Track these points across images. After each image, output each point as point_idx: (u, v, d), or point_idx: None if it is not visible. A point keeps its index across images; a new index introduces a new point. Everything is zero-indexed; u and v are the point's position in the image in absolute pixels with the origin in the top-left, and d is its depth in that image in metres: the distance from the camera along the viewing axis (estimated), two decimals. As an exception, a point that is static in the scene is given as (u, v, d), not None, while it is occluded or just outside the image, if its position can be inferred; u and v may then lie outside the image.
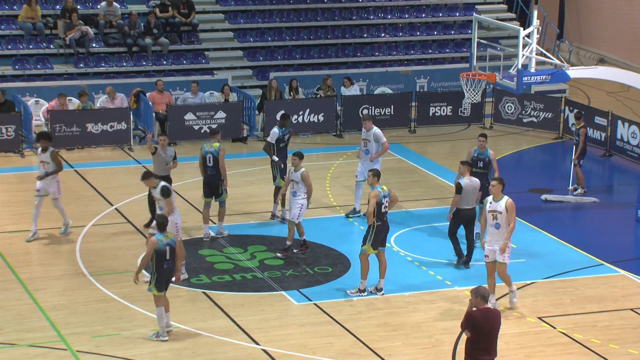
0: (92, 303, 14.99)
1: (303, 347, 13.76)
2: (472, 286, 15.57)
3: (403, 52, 29.21)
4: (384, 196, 15.34)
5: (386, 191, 15.39)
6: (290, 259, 16.86)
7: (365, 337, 14.09)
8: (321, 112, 24.66)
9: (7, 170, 21.60)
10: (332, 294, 15.54)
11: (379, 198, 15.23)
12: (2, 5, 27.23)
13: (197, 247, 17.29)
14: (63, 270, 16.19)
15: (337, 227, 18.53)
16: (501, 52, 19.71)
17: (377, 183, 15.39)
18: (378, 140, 18.89)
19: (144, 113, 24.19)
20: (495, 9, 31.08)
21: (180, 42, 27.59)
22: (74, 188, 20.46)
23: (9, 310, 14.57)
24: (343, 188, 20.77)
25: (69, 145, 23.06)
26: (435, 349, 13.85)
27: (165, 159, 17.67)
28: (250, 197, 19.28)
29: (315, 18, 29.38)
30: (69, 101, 24.20)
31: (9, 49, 26.18)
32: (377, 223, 15.25)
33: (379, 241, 15.34)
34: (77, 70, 26.20)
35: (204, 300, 15.20)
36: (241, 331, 14.18)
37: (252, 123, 24.53)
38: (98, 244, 17.41)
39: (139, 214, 18.82)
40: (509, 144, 24.61)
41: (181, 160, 22.74)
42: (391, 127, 24.90)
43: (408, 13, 30.33)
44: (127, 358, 13.30)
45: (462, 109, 25.84)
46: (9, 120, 22.60)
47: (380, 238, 15.34)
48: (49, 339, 13.78)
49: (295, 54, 28.43)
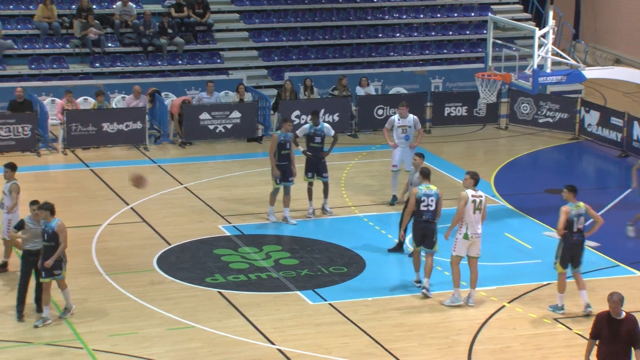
0: (108, 302, 15.03)
1: (318, 347, 13.76)
2: (488, 287, 15.73)
3: (418, 52, 29.18)
4: (425, 194, 15.36)
5: (432, 190, 15.39)
6: (305, 258, 16.87)
7: (380, 337, 14.08)
8: (336, 112, 24.66)
9: (24, 170, 21.60)
10: (348, 294, 15.54)
11: (417, 195, 15.33)
12: (18, 5, 27.35)
13: (213, 247, 17.31)
14: (79, 269, 16.23)
15: (352, 227, 18.52)
16: (517, 52, 19.67)
17: (425, 181, 15.52)
18: (416, 125, 19.39)
19: (159, 113, 24.25)
20: (511, 9, 31.01)
21: (195, 42, 27.64)
22: (89, 187, 20.52)
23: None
24: (358, 188, 20.77)
25: (85, 144, 23.14)
26: (451, 350, 13.83)
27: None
28: (266, 196, 19.26)
29: (330, 18, 29.38)
30: (85, 100, 24.29)
31: (25, 49, 26.29)
32: (416, 220, 15.41)
33: (417, 238, 15.43)
34: (92, 70, 26.29)
35: (220, 300, 15.22)
36: (257, 331, 14.19)
37: (267, 123, 24.55)
38: (114, 243, 17.46)
39: (154, 213, 18.86)
40: (524, 144, 24.56)
41: (196, 160, 22.91)
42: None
43: (423, 13, 30.30)
44: (144, 357, 13.32)
45: (477, 109, 25.79)
46: (26, 120, 22.68)
47: (419, 235, 15.41)
48: (65, 337, 13.83)
49: (310, 54, 28.44)
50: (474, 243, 14.91)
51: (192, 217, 18.75)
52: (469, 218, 14.79)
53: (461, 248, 14.92)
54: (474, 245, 14.93)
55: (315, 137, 18.77)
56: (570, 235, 14.67)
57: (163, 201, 19.70)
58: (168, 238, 17.62)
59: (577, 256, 14.82)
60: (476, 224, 14.85)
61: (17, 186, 15.78)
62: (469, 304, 15.11)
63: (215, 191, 20.34)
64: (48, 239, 13.95)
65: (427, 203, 15.39)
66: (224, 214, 18.89)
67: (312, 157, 18.77)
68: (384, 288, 15.82)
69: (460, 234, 14.84)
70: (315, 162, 18.75)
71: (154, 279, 15.90)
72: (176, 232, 17.90)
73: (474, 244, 14.91)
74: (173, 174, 21.51)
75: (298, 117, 24.50)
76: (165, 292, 15.40)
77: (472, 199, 14.84)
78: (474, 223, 14.83)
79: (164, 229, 18.05)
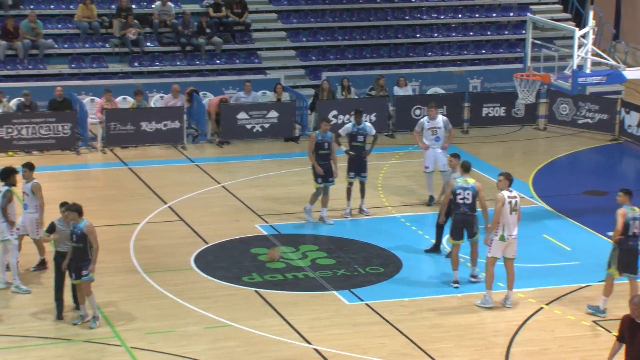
0: (146, 300, 15.12)
1: (355, 347, 13.74)
2: (526, 288, 15.63)
3: (456, 52, 29.08)
4: (461, 187, 15.48)
5: (469, 184, 15.46)
6: (342, 258, 16.86)
7: (417, 337, 14.04)
8: (373, 112, 24.62)
9: (63, 168, 21.87)
10: (384, 294, 15.51)
11: (453, 187, 15.49)
12: (58, 5, 27.60)
13: (250, 246, 17.36)
14: (117, 267, 16.35)
15: (389, 227, 18.49)
16: (556, 52, 19.54)
17: (465, 174, 15.68)
18: (447, 126, 19.29)
19: (197, 112, 24.35)
20: (550, 9, 30.80)
21: (233, 42, 27.73)
22: (128, 186, 20.66)
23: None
24: (395, 188, 20.73)
25: (124, 143, 23.30)
26: (488, 351, 13.76)
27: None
28: (302, 196, 19.30)
29: (368, 18, 29.35)
30: (124, 100, 24.46)
31: (65, 48, 26.52)
32: (455, 213, 15.53)
33: (457, 232, 15.53)
34: (131, 69, 26.46)
35: (256, 299, 15.26)
36: (293, 330, 14.21)
37: (305, 122, 24.57)
38: (151, 241, 17.55)
39: (192, 212, 18.95)
40: (563, 145, 24.38)
41: (233, 159, 22.98)
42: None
43: (461, 13, 30.18)
44: (181, 355, 13.39)
45: (515, 110, 25.65)
46: (66, 119, 22.88)
47: (459, 228, 15.51)
48: (104, 334, 13.93)
49: (347, 54, 28.43)
50: (510, 244, 14.83)
51: (229, 216, 18.82)
52: (506, 219, 14.72)
53: (497, 249, 14.84)
54: (509, 246, 14.85)
55: (358, 136, 18.78)
56: (626, 240, 14.50)
57: (200, 200, 19.79)
58: (205, 237, 17.69)
59: (633, 262, 14.58)
60: (512, 225, 14.77)
61: (38, 185, 15.72)
62: (507, 305, 15.02)
63: (252, 190, 20.39)
64: (76, 240, 13.95)
65: (463, 196, 15.50)
66: (260, 213, 18.94)
67: (354, 157, 18.77)
68: (420, 288, 15.79)
69: (497, 235, 14.77)
70: (357, 162, 18.76)
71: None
72: (213, 231, 17.97)
73: (509, 245, 14.83)
74: (210, 173, 21.60)
75: (335, 117, 24.49)
76: (203, 291, 15.47)
77: (508, 200, 14.76)
78: (510, 224, 14.75)
79: (201, 227, 18.13)
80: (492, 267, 14.91)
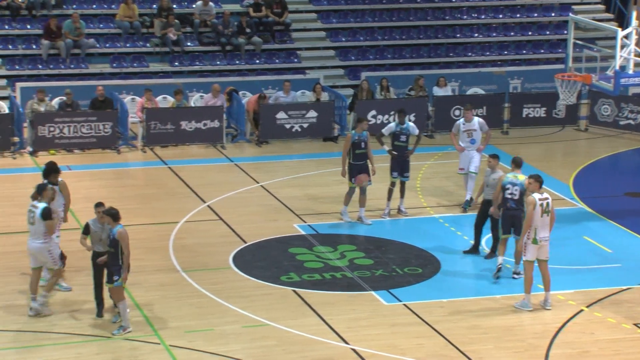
0: (184, 298, 15.19)
1: (393, 347, 13.72)
2: (566, 290, 15.50)
3: (496, 52, 28.93)
4: (511, 182, 15.60)
5: (519, 180, 15.50)
6: (380, 259, 16.83)
7: (455, 339, 13.98)
8: (412, 112, 24.54)
9: (104, 167, 22.05)
10: (422, 294, 15.46)
11: (503, 182, 15.71)
12: (100, 4, 27.84)
13: (288, 245, 17.38)
14: (156, 265, 16.45)
15: (427, 228, 18.43)
16: (598, 53, 19.36)
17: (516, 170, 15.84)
18: (483, 128, 19.23)
19: (236, 111, 24.44)
20: (592, 9, 30.54)
21: (273, 42, 27.80)
22: (168, 185, 20.78)
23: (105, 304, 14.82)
24: (434, 189, 20.66)
25: (164, 142, 23.43)
26: (528, 353, 13.67)
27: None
28: (341, 196, 19.27)
29: (408, 18, 29.28)
30: (164, 99, 24.61)
31: (106, 47, 26.75)
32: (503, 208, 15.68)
33: (506, 227, 15.67)
34: (172, 69, 26.63)
35: (294, 298, 15.27)
36: (331, 330, 14.21)
37: (344, 122, 24.56)
38: (191, 240, 17.64)
39: (231, 211, 19.02)
40: (604, 146, 24.16)
41: (272, 159, 23.04)
42: (484, 127, 24.66)
43: (502, 13, 30.02)
44: (219, 353, 13.44)
45: (556, 111, 25.46)
46: (107, 118, 23.06)
47: (508, 223, 15.55)
48: (143, 333, 14.01)
49: (387, 54, 28.38)
50: (542, 247, 14.76)
51: (267, 216, 18.86)
52: (537, 222, 14.65)
53: (531, 253, 14.77)
54: (542, 248, 14.78)
55: (401, 136, 18.75)
56: None
57: (239, 199, 19.85)
58: (244, 236, 17.75)
59: None
60: (545, 227, 14.70)
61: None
62: (546, 307, 14.91)
63: (291, 190, 20.43)
64: (110, 245, 13.88)
65: (511, 191, 15.60)
66: (299, 213, 18.96)
67: (397, 156, 18.73)
68: (459, 289, 15.72)
69: (529, 238, 14.69)
70: (400, 161, 18.72)
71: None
72: (252, 230, 18.02)
73: (542, 247, 14.77)
74: (249, 172, 21.66)
75: (374, 117, 24.47)
76: (241, 290, 15.51)
77: (540, 203, 14.69)
78: (542, 227, 14.68)
79: (240, 227, 18.19)
80: (531, 270, 14.82)
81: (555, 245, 16.81)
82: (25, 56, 26.17)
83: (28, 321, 14.28)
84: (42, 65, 25.94)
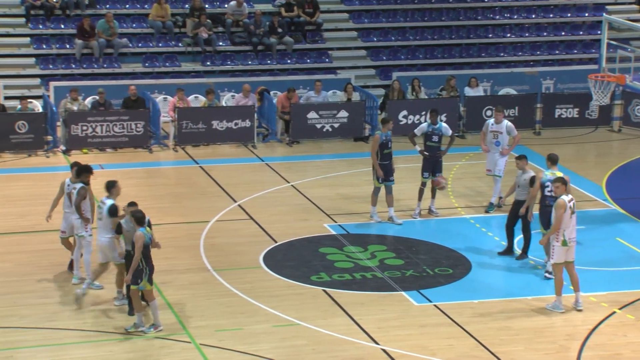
0: (215, 297, 15.24)
1: (423, 348, 13.68)
2: (598, 292, 15.39)
3: (529, 52, 28.78)
4: (550, 179, 15.61)
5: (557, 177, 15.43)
6: (410, 259, 16.80)
7: (486, 340, 13.92)
8: (444, 112, 24.46)
9: (136, 165, 22.17)
10: (453, 295, 15.41)
11: (542, 179, 15.76)
12: (133, 4, 28.00)
13: (318, 245, 17.39)
14: (187, 264, 16.51)
15: (458, 228, 18.37)
16: (632, 53, 19.22)
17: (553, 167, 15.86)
18: (511, 132, 19.02)
19: (267, 111, 24.49)
20: (626, 9, 30.30)
21: (304, 41, 27.83)
22: (199, 184, 20.86)
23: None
24: (465, 189, 20.58)
25: (195, 141, 23.53)
26: (559, 355, 13.58)
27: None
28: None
29: (440, 18, 29.19)
30: (195, 98, 24.71)
31: (139, 47, 26.90)
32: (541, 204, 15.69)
33: (545, 223, 15.59)
34: (203, 68, 26.73)
35: (325, 298, 15.28)
36: (361, 330, 14.20)
37: (374, 122, 24.53)
38: (221, 239, 17.69)
39: (261, 210, 19.05)
40: (638, 147, 23.94)
41: (303, 159, 23.06)
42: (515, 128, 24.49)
43: (535, 13, 29.86)
44: (250, 352, 13.47)
45: (589, 111, 25.28)
46: (139, 117, 23.19)
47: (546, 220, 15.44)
48: (174, 331, 14.07)
49: (418, 54, 28.32)
50: (570, 248, 14.69)
51: (298, 215, 18.88)
52: (566, 224, 14.56)
53: (561, 255, 14.67)
54: (570, 250, 14.72)
55: (433, 136, 18.69)
56: None
57: (270, 199, 19.89)
58: (274, 235, 17.78)
59: None
60: (573, 228, 14.66)
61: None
62: (578, 307, 14.81)
63: (321, 190, 20.43)
64: (132, 247, 13.94)
65: (551, 188, 15.49)
66: (329, 213, 18.97)
67: (429, 157, 18.68)
68: (489, 290, 15.65)
69: (558, 241, 14.58)
70: (432, 162, 18.67)
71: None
72: (282, 229, 18.05)
73: (570, 249, 14.70)
74: (280, 172, 21.70)
75: (405, 117, 24.43)
76: (271, 290, 15.54)
77: (569, 205, 14.62)
78: (571, 228, 14.60)
79: (270, 226, 18.22)
80: (561, 273, 14.73)
81: (587, 247, 16.76)
82: (59, 56, 26.38)
83: (60, 319, 14.39)
84: (75, 65, 26.13)
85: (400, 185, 19.46)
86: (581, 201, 19.26)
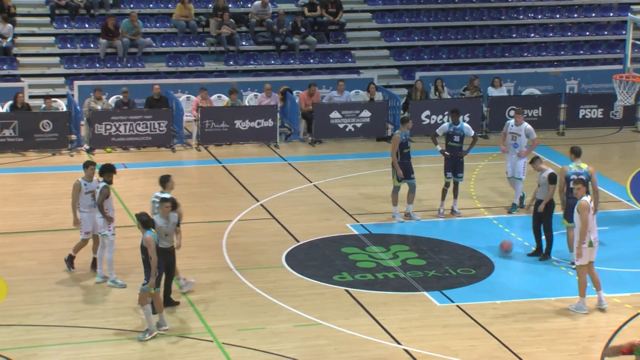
0: (237, 297, 15.27)
1: (445, 348, 13.65)
2: (622, 294, 15.29)
3: (553, 52, 28.66)
4: (575, 172, 15.63)
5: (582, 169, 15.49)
6: (433, 259, 16.76)
7: (509, 341, 13.87)
8: (467, 112, 24.40)
9: (159, 165, 22.23)
10: (475, 296, 15.37)
11: (567, 173, 15.71)
12: (157, 4, 28.11)
13: (340, 245, 17.39)
14: (210, 263, 16.55)
15: (481, 228, 18.31)
16: (657, 53, 19.10)
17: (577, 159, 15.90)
18: (530, 135, 18.89)
19: (290, 111, 24.51)
20: (651, 9, 30.11)
21: (327, 41, 27.83)
22: (222, 183, 20.91)
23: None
24: (488, 190, 20.52)
25: (218, 141, 23.58)
26: (582, 356, 13.52)
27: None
28: (394, 196, 19.27)
29: (463, 18, 29.12)
30: (218, 98, 24.76)
31: (162, 46, 26.99)
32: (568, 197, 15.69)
33: (569, 216, 15.59)
34: (227, 68, 26.79)
35: (347, 298, 15.27)
36: (383, 330, 14.18)
37: (397, 122, 24.48)
38: (244, 238, 17.72)
39: (284, 210, 19.07)
40: (662, 148, 23.83)
41: (325, 158, 23.06)
42: (539, 128, 24.22)
43: (559, 13, 29.73)
44: (272, 352, 13.48)
45: (613, 112, 25.14)
46: (162, 116, 23.27)
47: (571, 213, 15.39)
48: (197, 330, 14.11)
49: (442, 54, 28.26)
50: (594, 248, 14.61)
51: (320, 215, 18.89)
52: (591, 224, 14.49)
53: (587, 256, 14.60)
54: (594, 250, 14.63)
55: (454, 136, 18.65)
56: None
57: (292, 199, 19.91)
58: (297, 235, 17.79)
59: None
60: (595, 227, 14.65)
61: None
62: (601, 307, 14.74)
63: (344, 190, 20.43)
64: (141, 251, 13.78)
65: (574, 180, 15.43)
66: (352, 213, 18.96)
67: (451, 157, 18.64)
68: (512, 291, 15.60)
69: (584, 243, 14.50)
70: (453, 162, 18.63)
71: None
72: (305, 229, 18.05)
73: (594, 249, 14.61)
74: (302, 171, 21.71)
75: (428, 117, 24.38)
76: (293, 289, 15.55)
77: (591, 206, 14.55)
78: (594, 228, 14.54)
79: (292, 226, 18.24)
80: (585, 275, 14.66)
81: (611, 248, 16.66)
82: (83, 55, 26.52)
83: (83, 317, 14.47)
84: (99, 64, 26.26)
85: (423, 185, 19.45)
86: (605, 202, 19.18)
